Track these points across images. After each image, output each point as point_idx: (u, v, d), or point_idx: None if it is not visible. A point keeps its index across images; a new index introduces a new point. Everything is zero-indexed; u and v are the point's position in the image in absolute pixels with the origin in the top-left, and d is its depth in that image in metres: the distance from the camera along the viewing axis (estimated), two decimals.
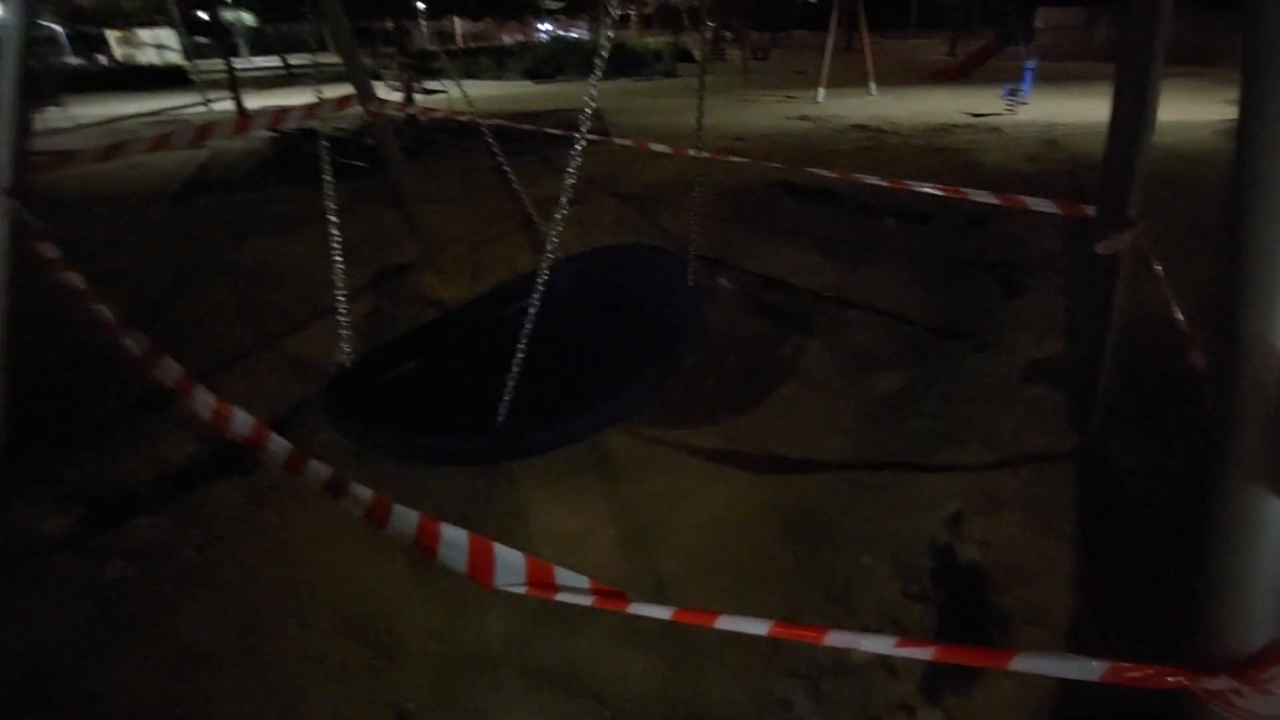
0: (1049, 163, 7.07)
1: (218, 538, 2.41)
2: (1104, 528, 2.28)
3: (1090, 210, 2.05)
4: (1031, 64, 11.36)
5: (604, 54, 1.87)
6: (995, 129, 9.19)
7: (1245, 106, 0.80)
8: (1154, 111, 1.87)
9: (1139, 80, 1.84)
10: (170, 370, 1.85)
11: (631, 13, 41.29)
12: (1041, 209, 2.32)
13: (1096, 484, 2.46)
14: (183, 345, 3.74)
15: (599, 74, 1.93)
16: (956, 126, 9.53)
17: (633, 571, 2.23)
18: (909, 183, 2.72)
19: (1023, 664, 0.86)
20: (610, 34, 2.06)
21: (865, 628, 2.00)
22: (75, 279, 2.05)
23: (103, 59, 30.00)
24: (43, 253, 2.14)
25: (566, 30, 42.75)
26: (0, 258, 2.36)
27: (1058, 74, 14.08)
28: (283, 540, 2.40)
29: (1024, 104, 10.74)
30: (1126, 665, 0.82)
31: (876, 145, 8.47)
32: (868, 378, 3.28)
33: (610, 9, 1.98)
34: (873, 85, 13.25)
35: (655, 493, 2.57)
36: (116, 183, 7.42)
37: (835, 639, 0.94)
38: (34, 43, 2.34)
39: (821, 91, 12.69)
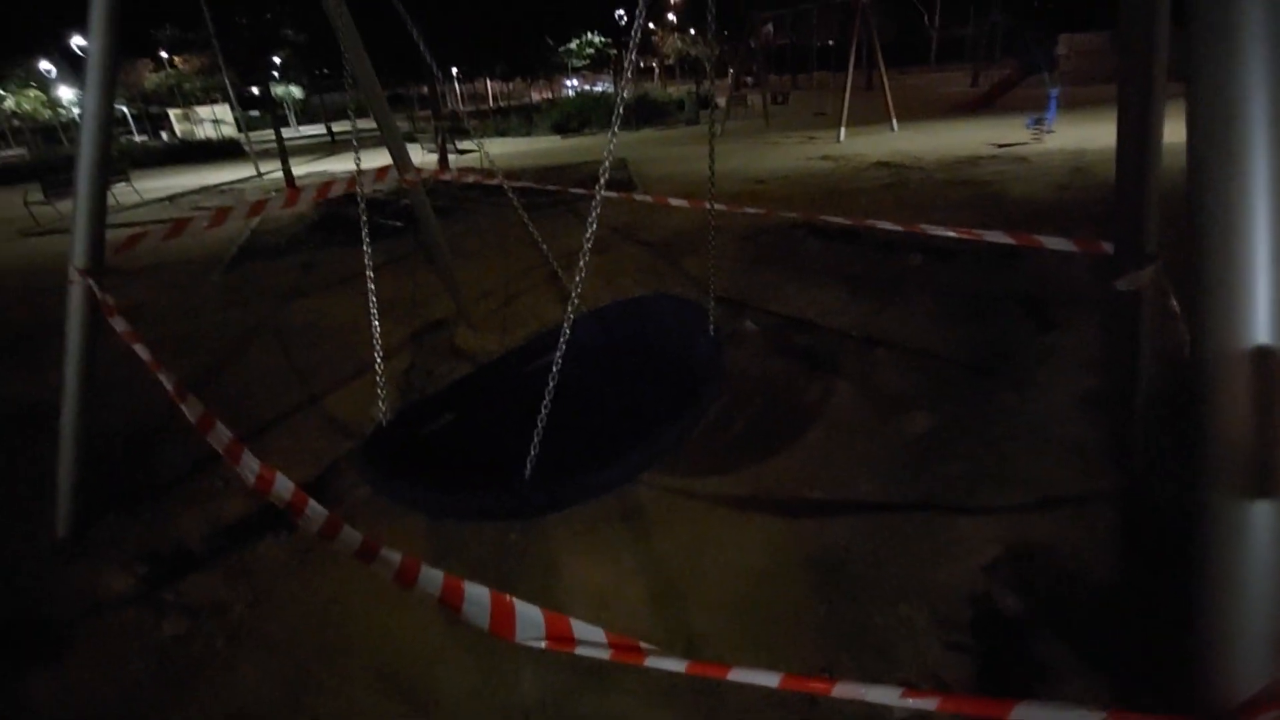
0: (1079, 190, 7.00)
1: (265, 593, 2.51)
2: (1151, 571, 2.20)
3: (1107, 247, 2.05)
4: (1055, 91, 11.35)
5: (619, 111, 1.98)
6: (1022, 159, 9.15)
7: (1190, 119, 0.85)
8: (1159, 140, 1.86)
9: (1141, 108, 1.83)
10: (222, 436, 1.98)
11: (654, 64, 42.76)
12: (1058, 247, 2.31)
13: (1141, 526, 2.38)
14: (236, 406, 3.95)
15: (615, 136, 2.05)
16: (981, 158, 9.52)
17: (664, 625, 2.24)
18: (924, 227, 2.75)
19: (1023, 714, 0.86)
20: (625, 93, 2.19)
21: (906, 682, 1.97)
22: (142, 350, 2.22)
23: (165, 135, 32.33)
24: (114, 326, 2.32)
25: (592, 85, 44.46)
26: (77, 332, 2.59)
27: (1084, 99, 14.00)
28: (325, 596, 2.48)
29: (1050, 132, 10.70)
30: (1128, 714, 0.82)
31: (899, 181, 8.51)
32: (898, 418, 3.26)
33: (626, 68, 2.12)
34: (894, 122, 13.38)
35: (684, 543, 2.58)
36: (178, 251, 7.94)
37: (842, 690, 0.96)
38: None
39: (842, 131, 12.87)
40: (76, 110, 34.90)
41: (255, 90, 30.32)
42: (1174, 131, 1.54)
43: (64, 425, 2.74)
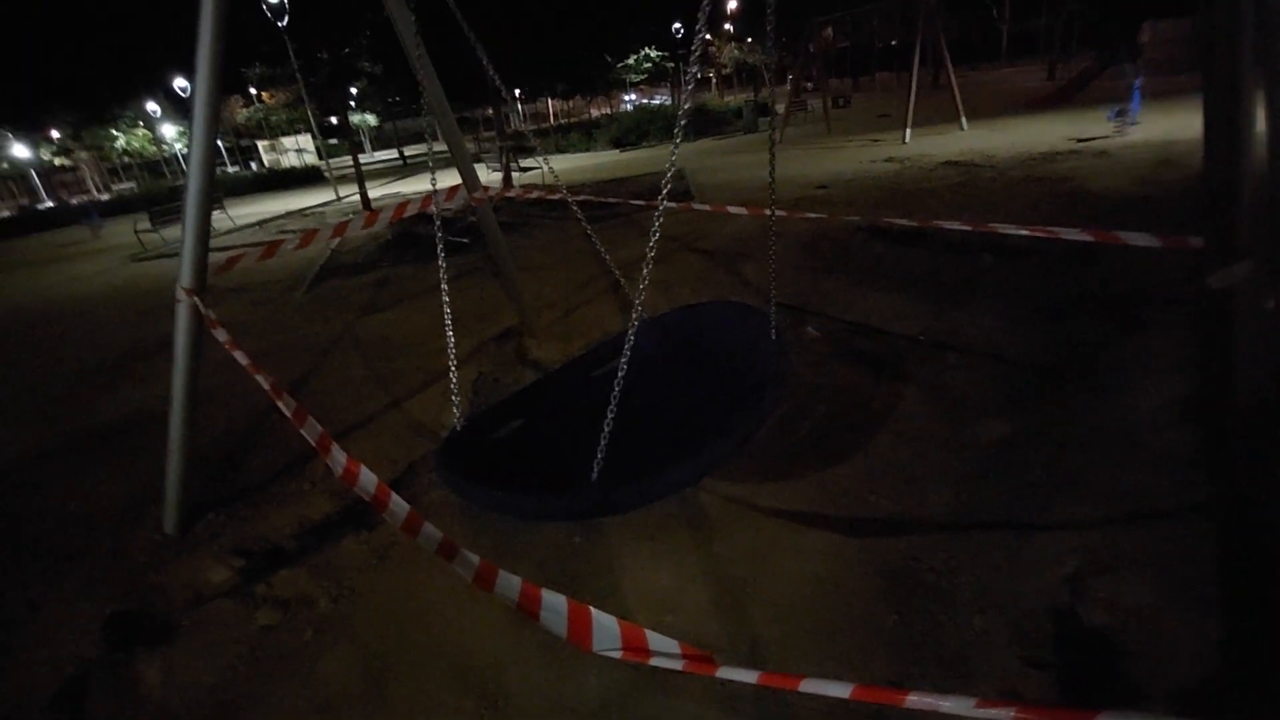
0: (1165, 185, 6.55)
1: (349, 589, 2.66)
2: (1250, 587, 2.03)
3: (1196, 241, 1.93)
4: (1139, 82, 10.66)
5: (681, 126, 2.02)
6: (1103, 153, 8.65)
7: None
8: (1250, 127, 1.74)
9: (1229, 94, 1.72)
10: (313, 429, 2.13)
11: (711, 75, 42.81)
12: (1141, 243, 2.19)
13: (1242, 541, 2.21)
14: (318, 412, 4.19)
15: (677, 147, 2.09)
16: (1059, 154, 9.05)
17: (727, 632, 2.23)
18: (995, 226, 2.65)
19: None
20: (686, 104, 2.23)
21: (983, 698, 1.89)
22: (241, 356, 2.42)
23: (254, 165, 34.83)
24: (218, 336, 2.54)
25: (650, 98, 44.94)
26: (186, 343, 2.84)
27: (1171, 89, 13.09)
28: (404, 592, 2.61)
29: (1134, 124, 10.05)
30: None
31: (969, 181, 8.20)
32: (970, 426, 3.14)
33: (686, 82, 2.16)
34: (963, 120, 12.90)
35: (747, 549, 2.57)
36: (266, 271, 8.54)
37: (915, 700, 0.95)
38: None
39: (908, 132, 12.51)
40: (178, 146, 38.16)
41: (334, 120, 32.26)
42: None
43: (171, 430, 3.00)
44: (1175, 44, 17.60)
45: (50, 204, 32.83)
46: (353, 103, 31.58)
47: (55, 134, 35.85)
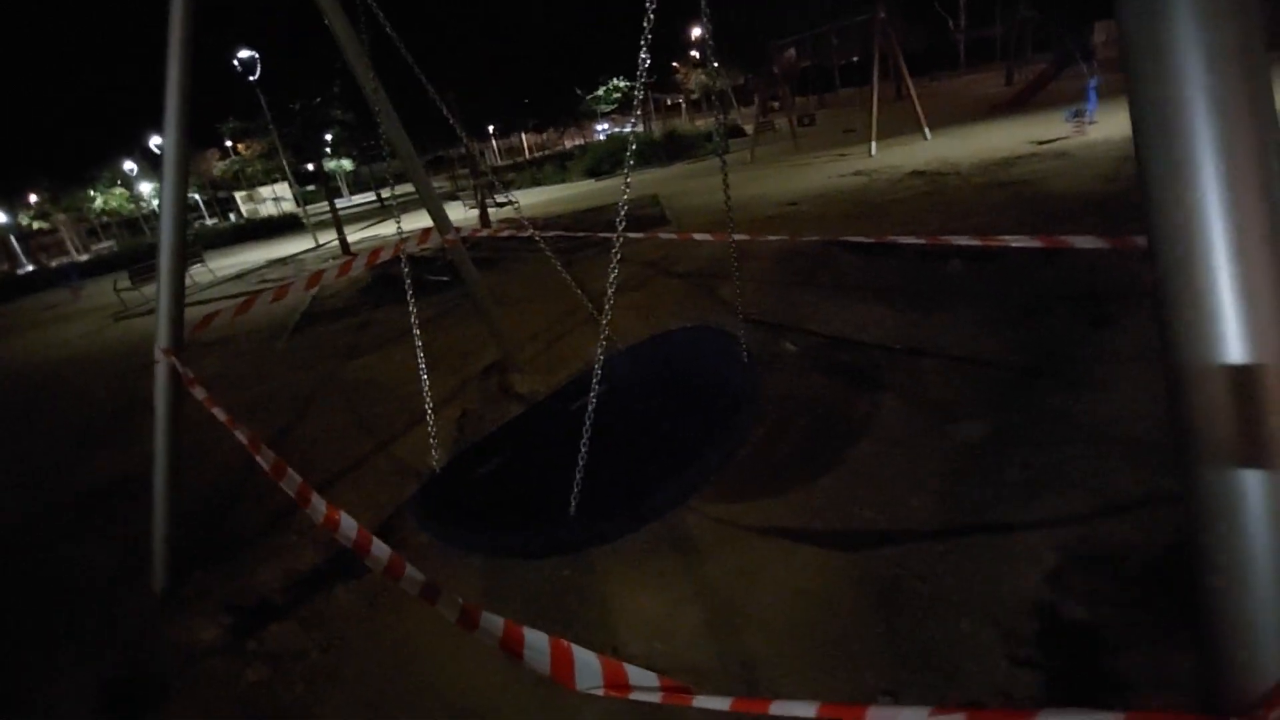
0: (1126, 182, 6.75)
1: (338, 638, 2.64)
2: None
3: (1141, 241, 1.99)
4: (1094, 82, 11.01)
5: (631, 152, 2.11)
6: (1063, 154, 8.90)
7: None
8: None
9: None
10: (293, 481, 2.13)
11: (681, 100, 43.66)
12: (1090, 246, 2.27)
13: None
14: (302, 461, 4.20)
15: (628, 184, 2.16)
16: (1020, 157, 9.31)
17: (719, 653, 2.24)
18: (948, 238, 2.74)
19: None
20: (637, 132, 2.30)
21: (975, 701, 1.91)
22: (219, 412, 2.42)
23: (233, 216, 34.92)
24: (195, 395, 2.55)
25: (622, 127, 45.65)
26: (166, 402, 2.85)
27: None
28: (394, 638, 2.59)
29: (1092, 123, 10.37)
30: (1144, 715, 0.82)
31: (935, 189, 8.40)
32: (948, 428, 3.19)
33: (635, 112, 2.26)
34: (926, 130, 13.24)
35: (736, 569, 2.58)
36: (247, 322, 8.52)
37: (875, 715, 0.99)
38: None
39: (873, 145, 12.81)
40: (155, 203, 38.28)
41: (310, 166, 32.54)
42: None
43: (156, 489, 2.99)
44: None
45: (30, 268, 32.66)
46: (328, 149, 31.86)
47: (33, 198, 35.84)
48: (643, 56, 1.99)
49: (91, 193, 36.73)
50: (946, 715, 0.89)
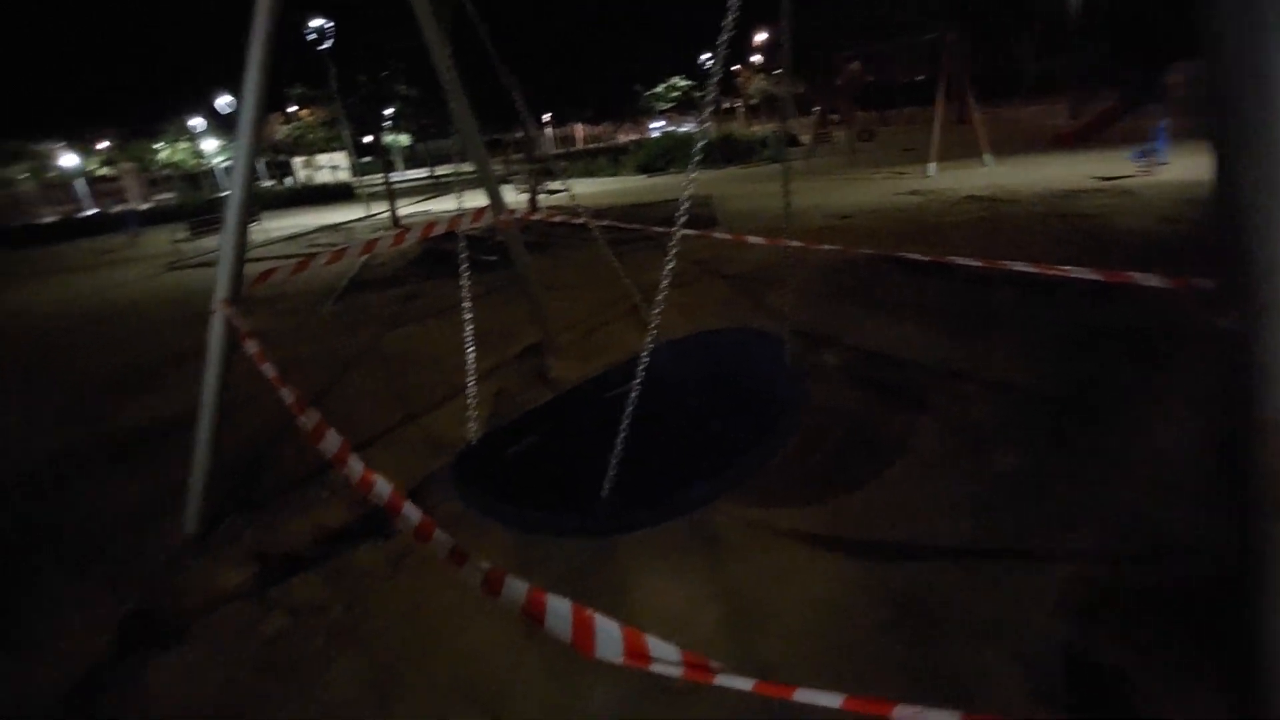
0: (1190, 224, 6.50)
1: (360, 597, 2.70)
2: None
3: (1205, 283, 1.93)
4: (1164, 123, 10.62)
5: (697, 154, 2.10)
6: (1127, 192, 8.61)
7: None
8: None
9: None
10: (332, 442, 2.19)
11: (738, 105, 43.45)
12: (1150, 283, 2.19)
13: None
14: (339, 423, 4.27)
15: (693, 178, 2.15)
16: (1083, 191, 9.03)
17: (736, 653, 2.23)
18: (1006, 263, 2.68)
19: None
20: (705, 134, 2.30)
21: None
22: (269, 369, 2.50)
23: (289, 180, 35.90)
24: (248, 348, 2.63)
25: (678, 125, 45.63)
26: (218, 352, 2.95)
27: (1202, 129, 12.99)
28: (414, 602, 2.64)
29: (1162, 164, 10.00)
30: None
31: (992, 215, 8.20)
32: (986, 456, 3.12)
33: (702, 109, 2.24)
34: (987, 155, 12.93)
35: (759, 573, 2.57)
36: (297, 283, 8.76)
37: (902, 713, 0.98)
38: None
39: (932, 165, 12.57)
40: (216, 160, 39.56)
41: (368, 139, 33.27)
42: None
43: (199, 434, 3.10)
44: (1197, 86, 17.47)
45: (93, 211, 34.09)
46: (387, 123, 32.55)
47: (102, 145, 37.37)
48: (719, 46, 1.98)
49: (157, 145, 38.14)
50: None
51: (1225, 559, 2.25)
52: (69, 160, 36.20)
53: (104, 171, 39.77)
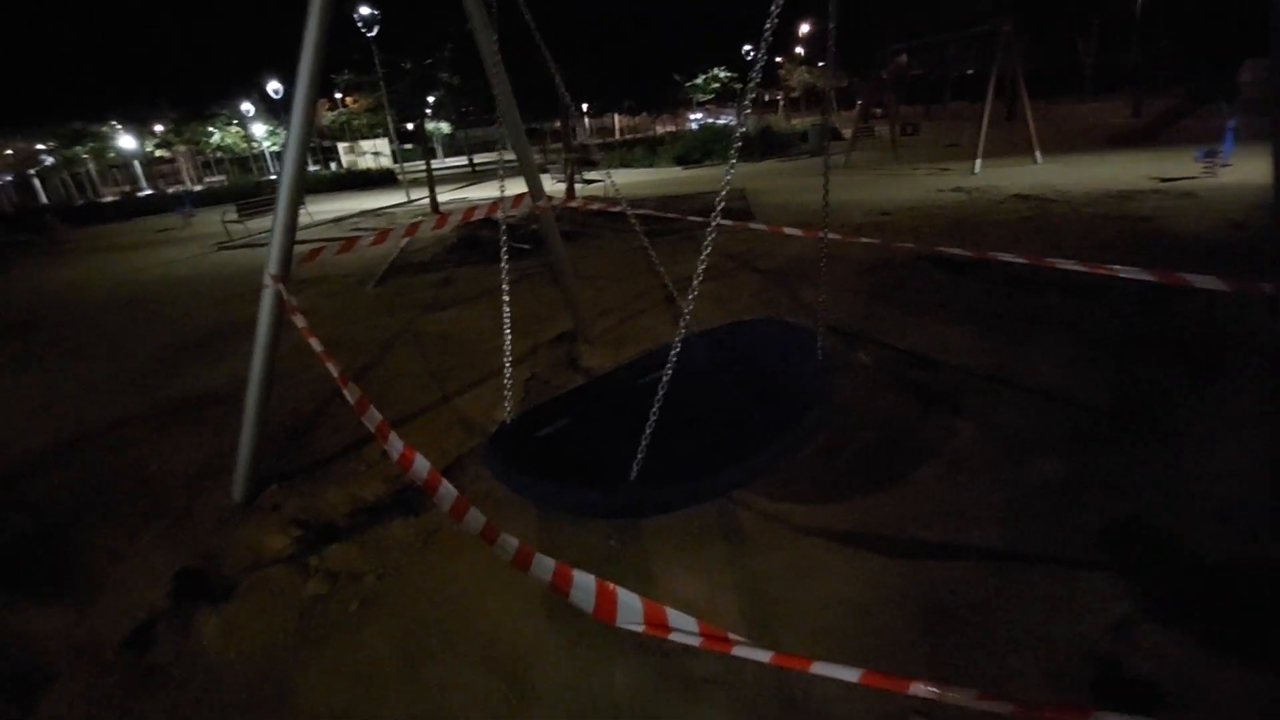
0: (1255, 229, 6.20)
1: (394, 568, 2.79)
2: None
3: (1268, 287, 1.85)
4: (1232, 123, 10.12)
5: (738, 143, 2.10)
6: (1189, 194, 8.25)
7: None
8: None
9: None
10: (373, 418, 2.27)
11: (779, 97, 42.83)
12: (1208, 286, 2.11)
13: None
14: (377, 401, 4.41)
15: (733, 167, 2.15)
16: (1140, 192, 8.68)
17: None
18: (1053, 260, 2.60)
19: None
20: (744, 126, 2.29)
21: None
22: (316, 343, 2.59)
23: (334, 166, 36.73)
24: (296, 321, 2.73)
25: (716, 117, 45.22)
26: (268, 325, 3.06)
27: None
28: (444, 576, 2.72)
29: (1226, 165, 9.54)
30: None
31: (1039, 215, 7.95)
32: (1023, 463, 3.05)
33: (743, 101, 2.23)
34: (1038, 154, 12.52)
35: (783, 568, 2.57)
36: (339, 265, 9.01)
37: (918, 689, 0.98)
38: None
39: (978, 163, 12.22)
40: (266, 144, 40.66)
41: (410, 126, 33.79)
42: None
43: (248, 405, 3.23)
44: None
45: (149, 192, 35.44)
46: (429, 111, 33.00)
47: (159, 128, 38.68)
48: (763, 38, 1.97)
49: (210, 128, 39.37)
50: (994, 703, 0.88)
51: (1270, 577, 2.18)
52: (127, 142, 37.63)
53: (159, 153, 41.22)
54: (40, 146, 34.99)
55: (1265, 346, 3.68)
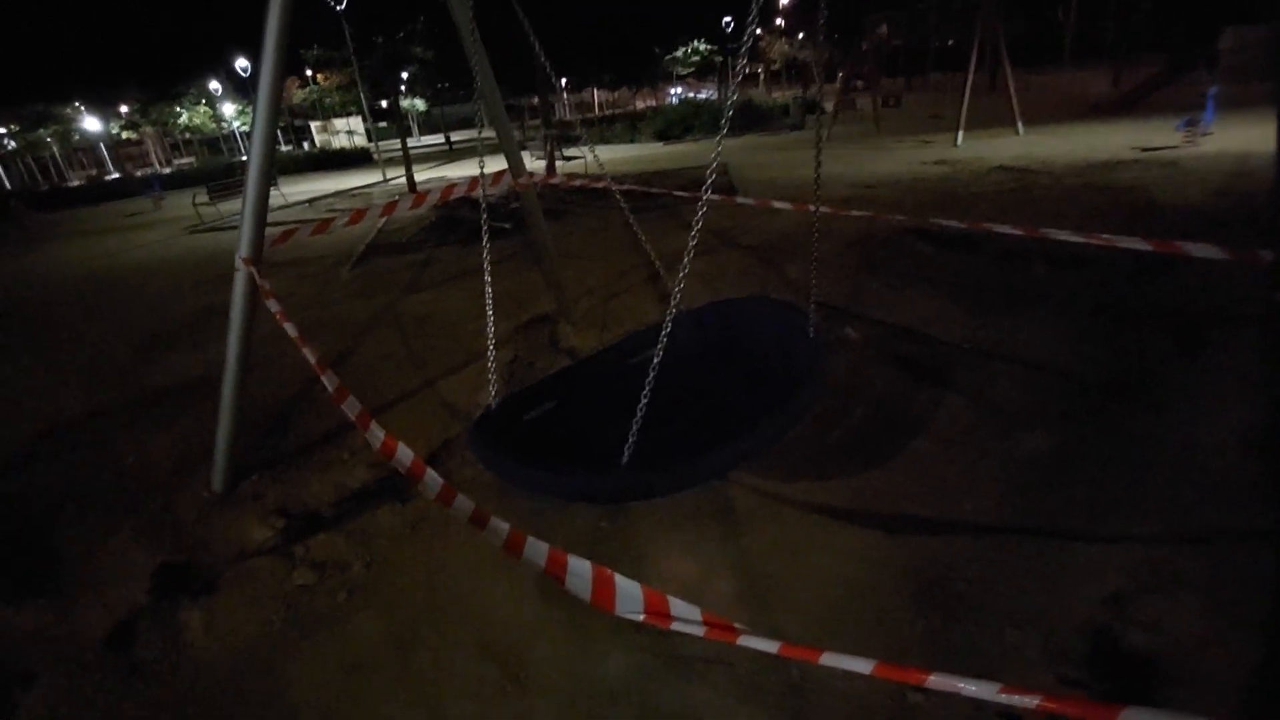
0: (1239, 197, 6.23)
1: (381, 556, 2.74)
2: None
3: (1265, 255, 1.83)
4: (1213, 90, 10.14)
5: (727, 119, 2.02)
6: (1171, 163, 8.27)
7: None
8: None
9: None
10: (353, 406, 2.19)
11: (760, 70, 42.33)
12: (1204, 255, 2.09)
13: None
14: (358, 386, 4.31)
15: (721, 142, 2.08)
16: (1122, 162, 8.69)
17: (748, 625, 2.22)
18: (1048, 231, 2.57)
19: (1131, 716, 0.80)
20: (733, 97, 2.21)
21: (1010, 715, 1.85)
22: (291, 328, 2.49)
23: (306, 145, 35.79)
24: (270, 306, 2.62)
25: (696, 92, 44.62)
26: (241, 310, 2.95)
27: (1252, 98, 12.40)
28: (433, 564, 2.67)
29: (1207, 134, 9.58)
30: None
31: (1022, 187, 7.94)
32: (1014, 437, 3.05)
33: (735, 74, 2.15)
34: (1020, 124, 12.49)
35: (776, 546, 2.55)
36: (315, 247, 8.77)
37: (936, 682, 0.93)
38: None
39: (960, 134, 12.17)
40: (236, 124, 39.48)
41: (384, 104, 32.96)
42: None
43: (224, 394, 3.12)
44: (1258, 50, 16.64)
45: (116, 175, 34.32)
46: (403, 87, 32.19)
47: (124, 109, 37.41)
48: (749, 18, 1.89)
49: (177, 109, 38.12)
50: (1018, 696, 0.84)
51: (1266, 548, 2.19)
52: (92, 124, 36.35)
53: (126, 135, 39.91)
54: (1, 130, 33.69)
55: (1256, 315, 3.69)
